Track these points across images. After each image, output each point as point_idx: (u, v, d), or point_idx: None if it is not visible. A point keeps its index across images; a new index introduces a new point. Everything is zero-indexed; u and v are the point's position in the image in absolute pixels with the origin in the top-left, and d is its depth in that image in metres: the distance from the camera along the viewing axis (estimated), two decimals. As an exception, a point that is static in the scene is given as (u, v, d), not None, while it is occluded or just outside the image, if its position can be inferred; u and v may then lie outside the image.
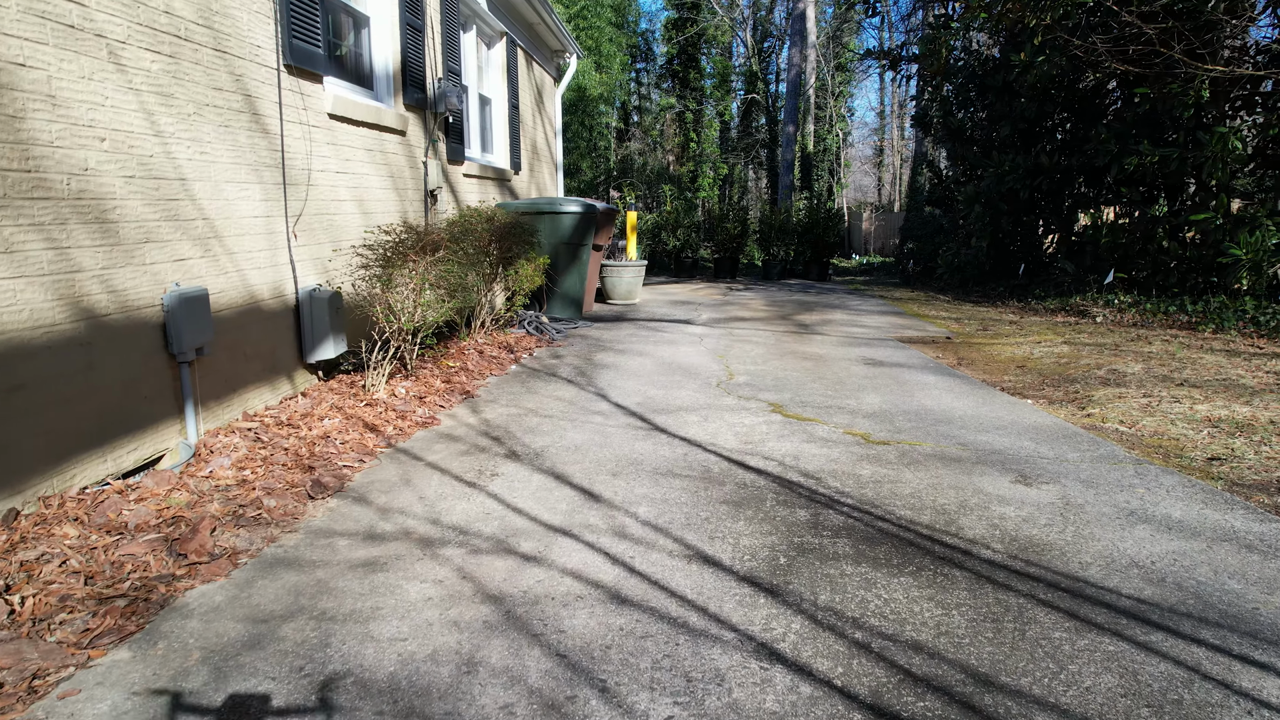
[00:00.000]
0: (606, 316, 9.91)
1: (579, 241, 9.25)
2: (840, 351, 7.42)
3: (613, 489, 3.60)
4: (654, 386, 5.82)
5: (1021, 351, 7.38)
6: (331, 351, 5.00)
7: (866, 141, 46.25)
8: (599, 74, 27.93)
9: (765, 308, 11.03)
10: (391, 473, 3.77)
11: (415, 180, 6.94)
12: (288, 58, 4.62)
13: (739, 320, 9.68)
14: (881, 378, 6.19)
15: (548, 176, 12.74)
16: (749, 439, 4.43)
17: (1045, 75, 10.82)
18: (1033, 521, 3.21)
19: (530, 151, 11.46)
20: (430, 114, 7.21)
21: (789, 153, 24.42)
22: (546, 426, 4.65)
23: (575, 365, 6.58)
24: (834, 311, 10.61)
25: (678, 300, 11.85)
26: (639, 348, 7.54)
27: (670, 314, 10.23)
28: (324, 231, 5.23)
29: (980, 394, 5.65)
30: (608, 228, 10.48)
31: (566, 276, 9.33)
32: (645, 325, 9.13)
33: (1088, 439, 4.45)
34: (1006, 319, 9.75)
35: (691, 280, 15.35)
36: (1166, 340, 7.54)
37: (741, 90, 34.80)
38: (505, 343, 7.19)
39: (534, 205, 9.10)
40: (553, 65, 12.96)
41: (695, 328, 8.97)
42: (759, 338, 8.25)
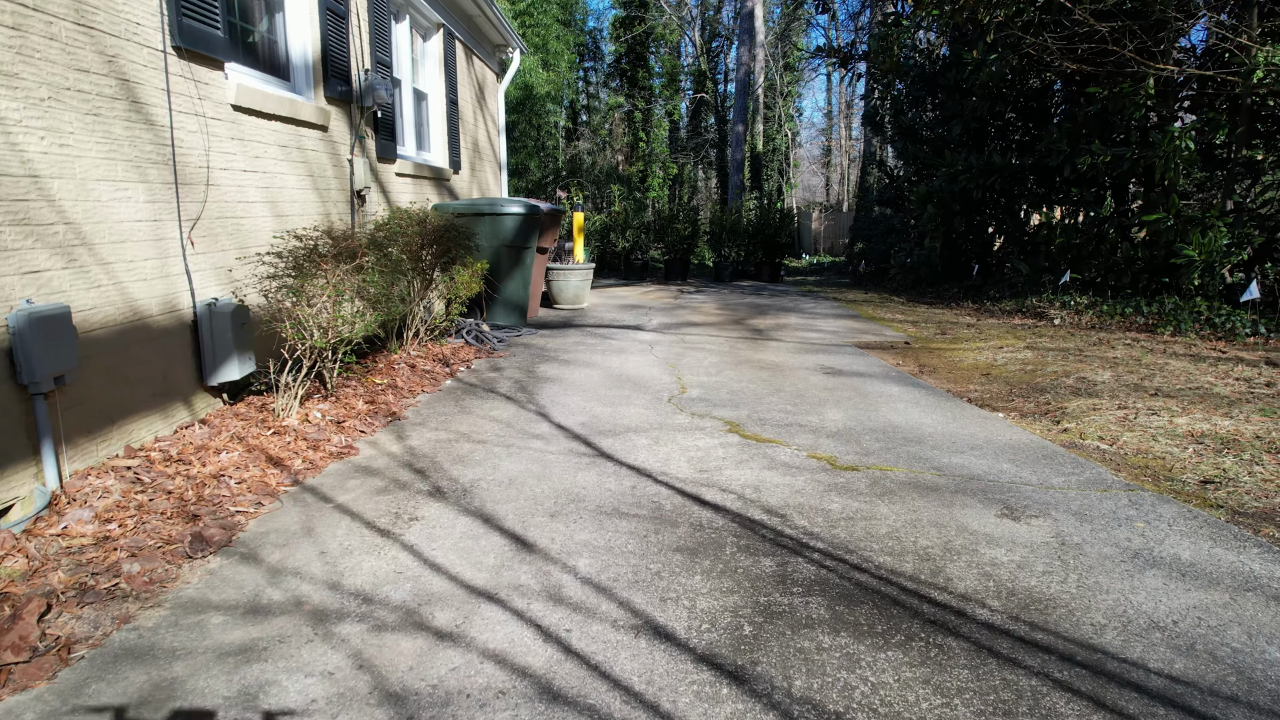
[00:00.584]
0: (553, 323, 9.39)
1: (522, 244, 8.72)
2: (798, 359, 7.02)
3: (550, 535, 3.11)
4: (600, 403, 5.33)
5: (984, 358, 7.06)
6: (237, 372, 4.41)
7: (814, 142, 46.35)
8: (546, 72, 27.36)
9: (718, 311, 10.62)
10: (293, 519, 3.22)
11: (340, 180, 6.35)
12: (177, 39, 4.02)
13: (691, 325, 9.24)
14: (843, 389, 5.80)
15: (491, 176, 12.16)
16: (704, 466, 3.97)
17: (997, 74, 10.60)
18: (1029, 568, 2.80)
19: (471, 150, 10.88)
20: (356, 108, 6.62)
21: (738, 152, 24.12)
22: (479, 455, 4.14)
23: (516, 379, 6.06)
24: (788, 315, 10.24)
25: (628, 304, 11.37)
26: (586, 357, 7.04)
27: (620, 319, 9.76)
28: (229, 237, 4.63)
29: (948, 407, 5.27)
30: (553, 229, 9.96)
31: (509, 281, 8.79)
32: (593, 332, 8.64)
33: (1070, 460, 4.08)
34: (964, 322, 9.47)
35: (642, 282, 14.90)
36: (1129, 344, 7.30)
37: (690, 90, 34.47)
38: (441, 355, 6.63)
39: (473, 206, 8.55)
40: (495, 60, 12.38)
41: (645, 334, 8.51)
42: (712, 344, 7.81)
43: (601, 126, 32.08)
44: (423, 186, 8.63)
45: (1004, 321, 9.37)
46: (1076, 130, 10.24)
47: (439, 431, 4.57)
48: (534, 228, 8.78)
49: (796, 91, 34.37)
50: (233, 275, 4.63)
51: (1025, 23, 9.96)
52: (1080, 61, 9.66)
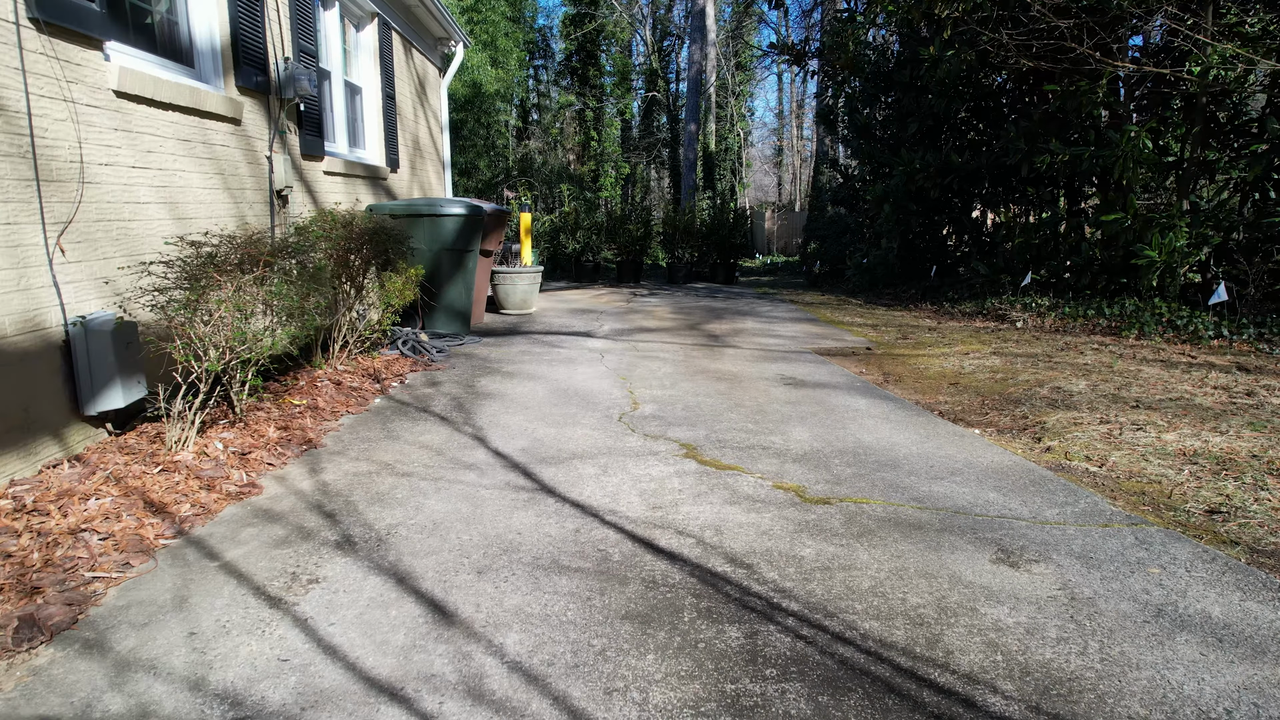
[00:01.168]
0: (498, 329, 8.84)
1: (464, 247, 8.15)
2: (756, 369, 6.58)
3: (475, 599, 2.60)
4: (545, 423, 4.82)
5: (950, 365, 6.69)
6: (121, 399, 3.81)
7: (766, 141, 46.25)
8: (495, 70, 26.68)
9: (672, 316, 10.16)
10: (165, 585, 2.66)
11: (258, 179, 5.74)
12: (35, 9, 3.41)
13: (644, 331, 8.76)
14: (806, 402, 5.36)
15: (433, 175, 11.54)
16: (658, 501, 3.49)
17: (954, 71, 10.31)
18: (1040, 634, 2.37)
19: (411, 148, 10.26)
20: (276, 100, 6.00)
21: (691, 152, 23.73)
22: (402, 491, 3.60)
23: (453, 396, 5.52)
24: (745, 319, 9.82)
25: (578, 308, 10.85)
26: (531, 369, 6.52)
27: (569, 325, 9.24)
28: (114, 243, 4.02)
29: (920, 422, 4.87)
30: (498, 231, 9.40)
31: (450, 287, 8.22)
32: (540, 340, 8.11)
33: (1060, 486, 3.68)
34: (925, 325, 9.15)
35: (593, 285, 14.38)
36: (1097, 349, 7.00)
37: (642, 89, 34.02)
38: (371, 369, 6.05)
39: (411, 207, 7.96)
40: (437, 55, 11.76)
41: (596, 341, 8.00)
42: (666, 352, 7.34)
43: (553, 125, 31.44)
44: (356, 186, 8.02)
45: (966, 324, 9.07)
46: (1033, 129, 10.00)
47: (359, 462, 4.02)
48: (476, 230, 8.22)
49: (749, 91, 34.15)
50: (118, 288, 4.02)
51: (982, 18, 9.68)
52: (1037, 59, 9.40)
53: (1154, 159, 8.61)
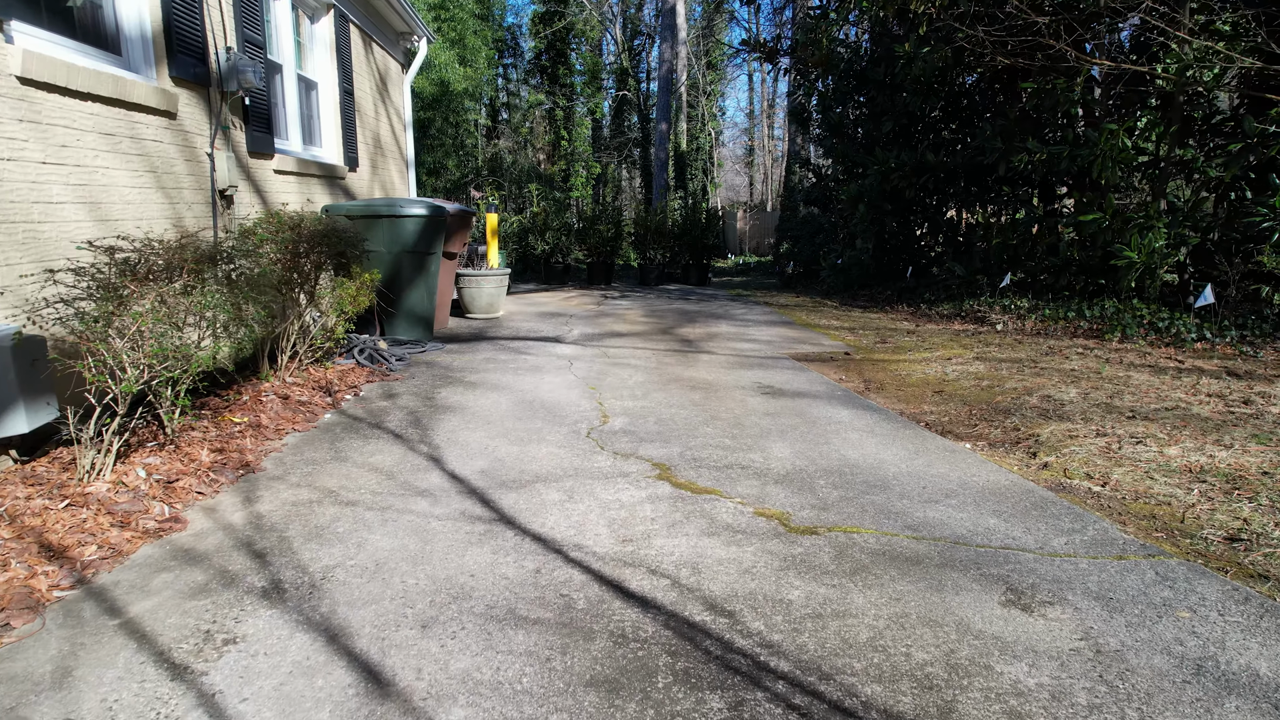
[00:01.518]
0: (463, 335, 8.44)
1: (425, 249, 7.75)
2: (732, 376, 6.26)
3: (418, 662, 2.23)
4: (507, 440, 4.45)
5: (933, 371, 6.42)
6: (25, 423, 3.38)
7: (737, 141, 46.09)
8: (464, 68, 26.21)
9: (644, 319, 9.82)
10: (48, 654, 2.26)
11: (197, 178, 5.30)
12: (-86, -14, 2.99)
13: (615, 336, 8.41)
14: (786, 414, 5.04)
15: (396, 175, 11.10)
16: (629, 533, 3.14)
17: (930, 68, 10.07)
18: (1068, 700, 2.05)
19: (372, 146, 9.82)
20: (218, 93, 5.57)
21: (662, 151, 23.41)
22: (344, 524, 3.22)
23: (410, 410, 5.13)
24: (719, 323, 9.50)
25: (547, 312, 10.47)
26: (496, 378, 6.14)
27: (537, 329, 8.86)
28: (19, 248, 3.59)
29: (907, 436, 4.57)
30: (462, 232, 9.00)
31: (411, 291, 7.81)
32: (507, 346, 7.72)
33: (1064, 509, 3.39)
34: (903, 328, 8.88)
35: (563, 288, 13.99)
36: (1082, 353, 6.77)
37: (613, 89, 33.67)
38: (323, 381, 5.63)
39: (370, 208, 7.54)
40: (399, 50, 11.31)
41: (565, 347, 7.64)
42: (638, 359, 7.00)
43: (522, 125, 30.97)
44: (310, 185, 7.58)
45: (944, 327, 8.82)
46: (1010, 128, 9.79)
47: (301, 489, 3.63)
48: (439, 231, 7.82)
49: (719, 90, 33.91)
50: (24, 296, 3.59)
51: (959, 14, 9.44)
52: (1013, 55, 9.18)
53: (1132, 158, 8.41)
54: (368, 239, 7.60)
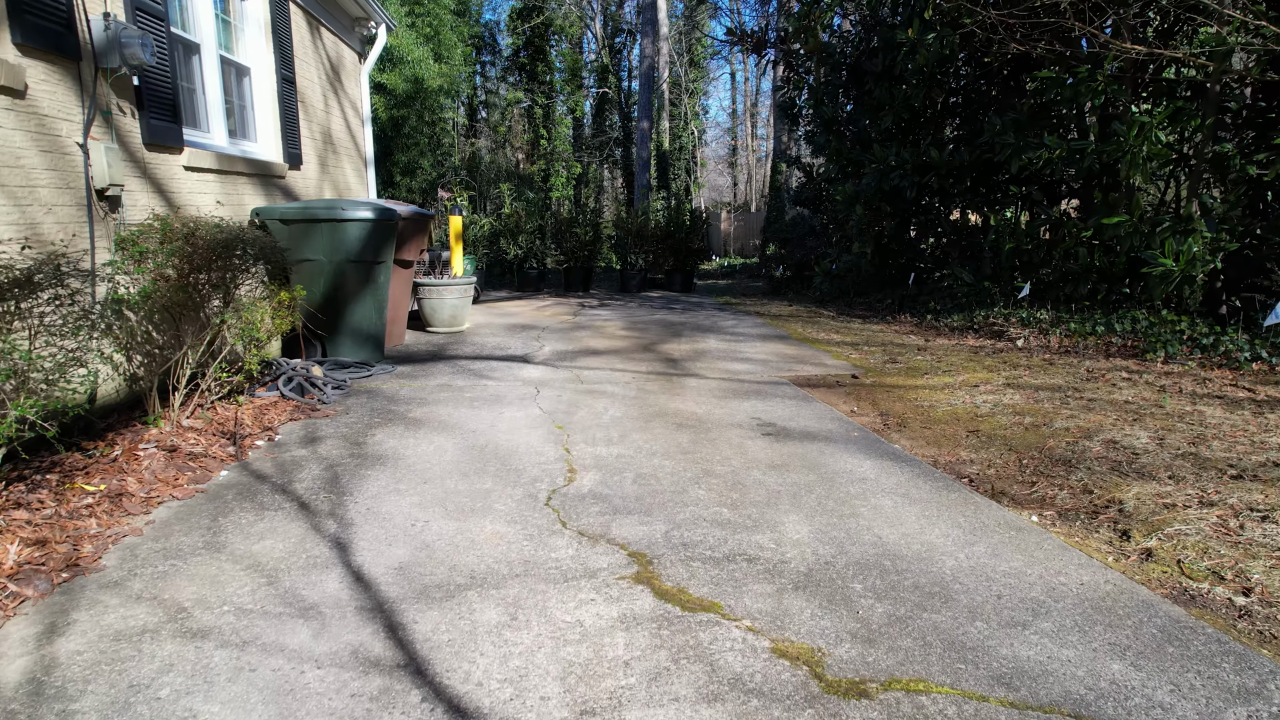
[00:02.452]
0: (419, 354, 7.38)
1: (372, 258, 6.69)
2: (726, 409, 5.25)
3: None
4: (443, 510, 3.42)
5: (960, 401, 5.43)
6: None
7: (720, 141, 45.14)
8: (439, 64, 25.13)
9: (624, 332, 8.79)
10: None
11: (62, 173, 4.23)
12: None
13: (591, 354, 7.38)
14: (796, 466, 4.04)
15: (352, 174, 10.01)
16: (590, 696, 2.11)
17: (934, 56, 9.11)
18: None
19: (320, 142, 8.73)
20: (93, 69, 4.49)
21: (644, 150, 22.40)
22: (172, 682, 2.17)
23: (330, 462, 4.08)
24: (707, 337, 8.49)
25: (517, 324, 9.43)
26: (446, 413, 5.11)
27: (504, 346, 7.82)
28: None
29: (952, 502, 3.56)
30: (418, 237, 7.94)
31: (357, 306, 6.75)
32: (466, 368, 6.68)
33: (1212, 642, 2.38)
34: (912, 343, 7.91)
35: (537, 295, 12.92)
36: (1129, 379, 5.81)
37: (594, 88, 32.61)
38: (231, 422, 4.57)
39: (306, 211, 6.48)
40: (354, 37, 10.23)
41: (533, 369, 6.61)
42: (616, 384, 5.98)
43: (500, 124, 29.84)
44: (239, 185, 6.50)
45: (958, 342, 7.85)
46: (1023, 121, 8.84)
47: (139, 607, 2.58)
48: (388, 236, 6.77)
49: (702, 89, 32.92)
50: None
51: (970, -4, 8.48)
52: (1030, 41, 8.24)
53: (1166, 154, 7.47)
54: (304, 247, 6.55)
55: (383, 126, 23.81)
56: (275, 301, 4.77)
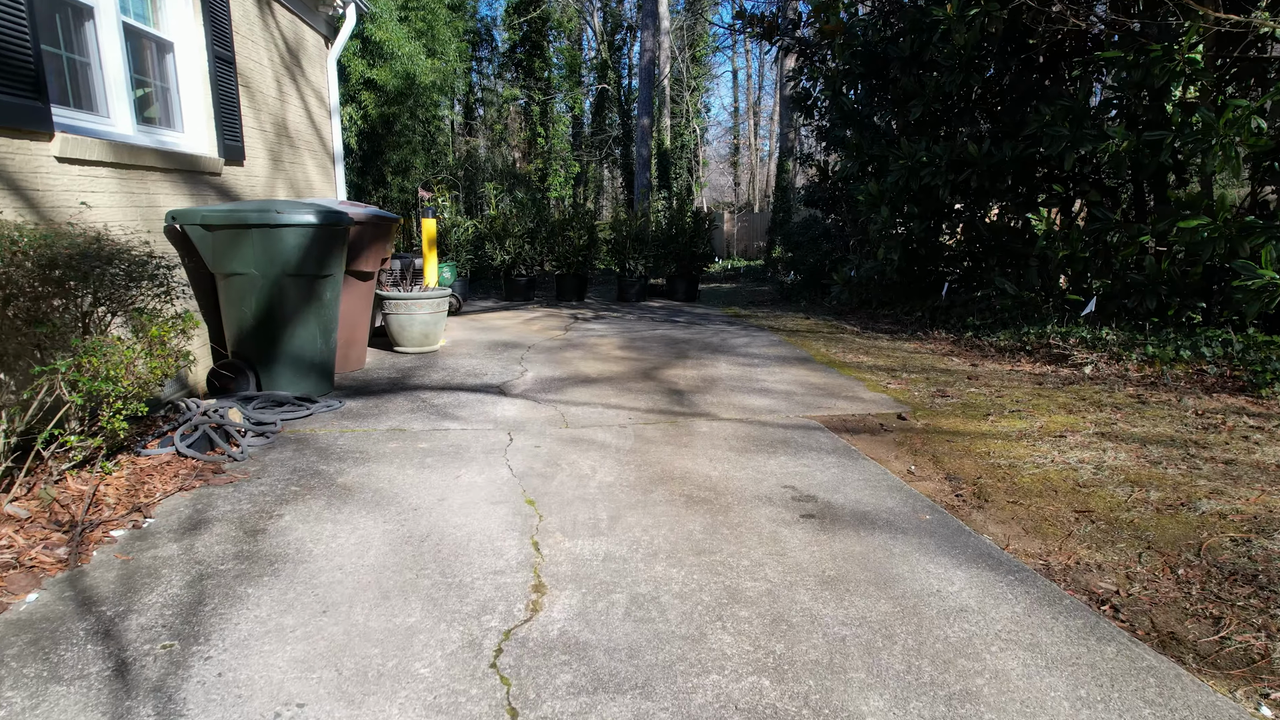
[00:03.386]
0: (377, 383, 6.15)
1: (316, 271, 5.46)
2: (750, 471, 4.01)
3: None
4: (334, 678, 2.18)
5: (1046, 458, 4.18)
6: None
7: (721, 140, 43.85)
8: (432, 60, 23.93)
9: (621, 353, 7.55)
10: None
11: None
12: None
13: (581, 384, 6.14)
14: (858, 581, 2.80)
15: (315, 172, 8.76)
16: None
17: (976, 36, 7.85)
18: None
19: (273, 134, 7.49)
20: (-105, 25, 3.26)
21: (644, 148, 21.15)
22: None
23: (204, 570, 2.85)
24: (717, 359, 7.24)
25: (500, 342, 8.18)
26: (387, 476, 3.88)
27: (480, 371, 6.58)
28: None
29: (1113, 665, 2.30)
30: (379, 245, 6.70)
31: (297, 328, 5.51)
32: (429, 403, 5.45)
33: None
34: (957, 369, 6.65)
35: (526, 305, 11.65)
36: (1260, 426, 4.55)
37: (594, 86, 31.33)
38: (80, 501, 3.33)
39: (234, 215, 5.24)
40: (319, 18, 8.98)
41: (509, 405, 5.38)
42: (609, 431, 4.74)
43: (496, 121, 28.56)
44: (148, 183, 5.25)
45: (1011, 367, 6.60)
46: (1078, 111, 7.58)
47: None
48: (335, 244, 5.55)
49: (704, 86, 31.64)
50: None
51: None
52: (1089, 16, 7.01)
53: (1270, 146, 6.22)
54: (232, 258, 5.31)
55: (373, 124, 22.56)
56: (148, 340, 3.51)
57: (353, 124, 22.32)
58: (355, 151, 22.91)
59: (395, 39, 22.50)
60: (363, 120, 22.48)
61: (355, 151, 22.91)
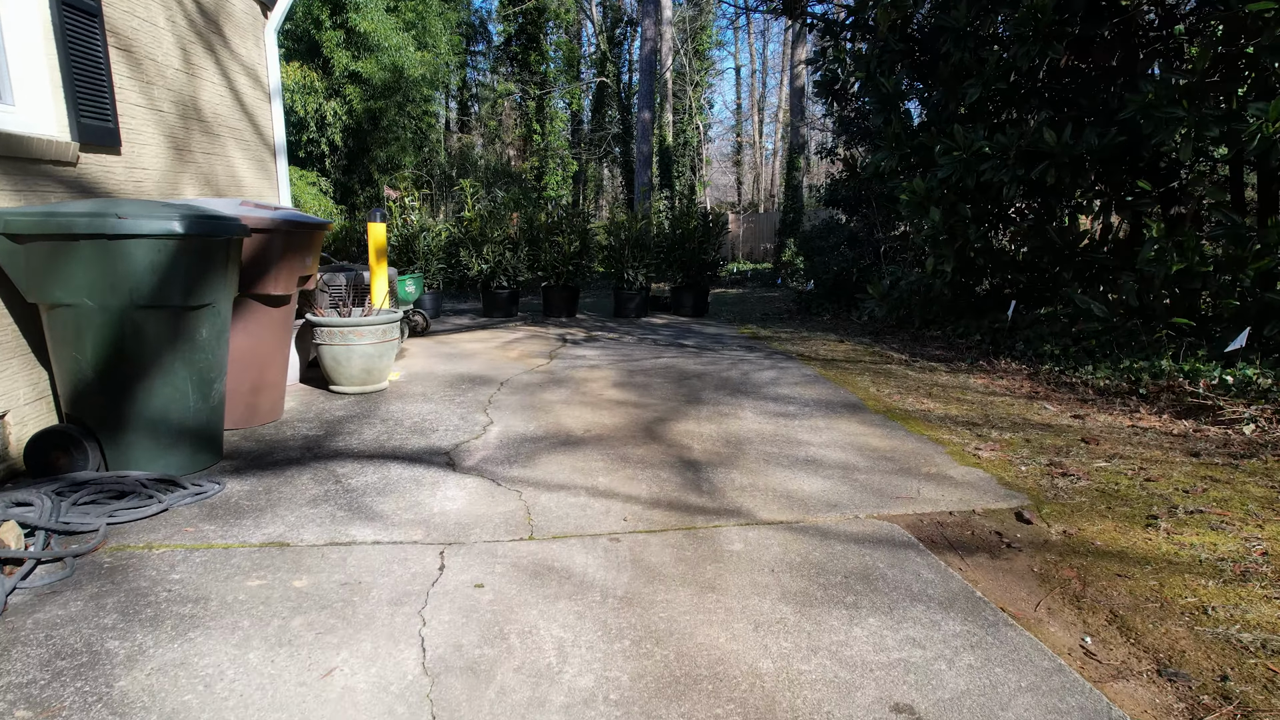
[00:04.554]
0: (287, 445, 4.45)
1: (183, 300, 3.78)
2: (823, 658, 2.30)
3: None
4: None
5: None
6: None
7: (723, 139, 42.07)
8: (421, 52, 22.29)
9: (616, 393, 5.86)
10: None
11: None
12: None
13: (561, 448, 4.45)
14: None
15: (245, 167, 7.06)
16: None
17: None
18: None
19: (176, 116, 5.79)
20: None
21: (645, 144, 19.43)
22: None
23: None
24: (740, 405, 5.54)
25: (467, 374, 6.49)
26: (205, 672, 2.17)
27: (430, 424, 4.89)
28: None
29: None
30: (295, 259, 5.00)
31: (156, 381, 3.82)
32: (345, 484, 3.75)
33: None
34: (1061, 423, 4.94)
35: (508, 322, 9.92)
36: None
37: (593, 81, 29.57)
38: None
39: (53, 220, 3.55)
40: (252, -23, 7.28)
41: (454, 489, 3.69)
42: (591, 552, 3.05)
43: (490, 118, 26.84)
44: (-72, 174, 3.56)
45: (1129, 421, 4.90)
46: (1194, 88, 5.87)
47: None
48: (214, 263, 3.86)
49: (706, 81, 29.86)
50: None
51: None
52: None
53: None
54: (54, 282, 3.63)
55: (358, 120, 20.88)
56: None
57: (337, 119, 20.64)
58: (340, 149, 21.23)
59: (382, 29, 20.76)
60: (347, 115, 20.78)
61: (340, 149, 21.23)
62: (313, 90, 20.14)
